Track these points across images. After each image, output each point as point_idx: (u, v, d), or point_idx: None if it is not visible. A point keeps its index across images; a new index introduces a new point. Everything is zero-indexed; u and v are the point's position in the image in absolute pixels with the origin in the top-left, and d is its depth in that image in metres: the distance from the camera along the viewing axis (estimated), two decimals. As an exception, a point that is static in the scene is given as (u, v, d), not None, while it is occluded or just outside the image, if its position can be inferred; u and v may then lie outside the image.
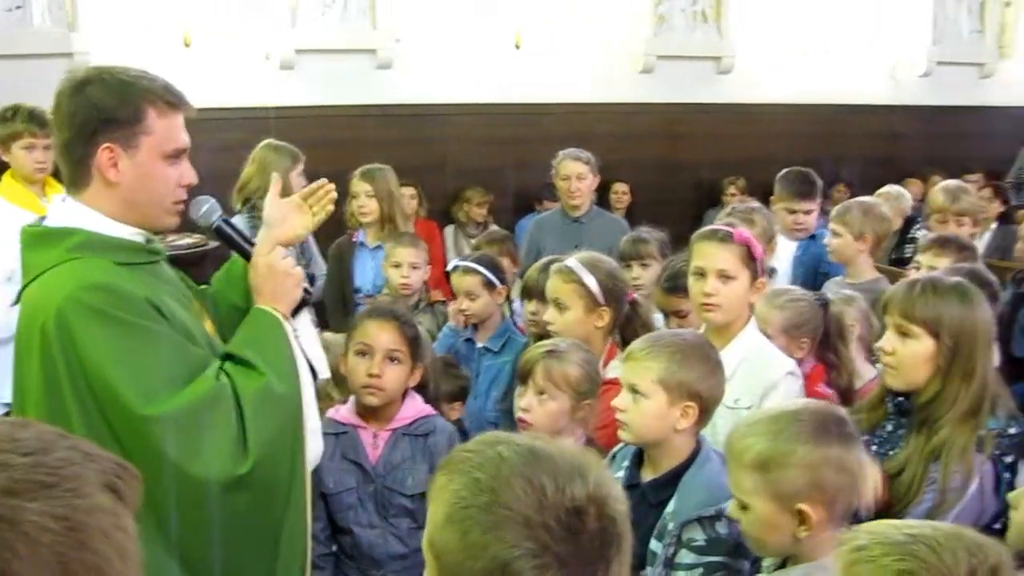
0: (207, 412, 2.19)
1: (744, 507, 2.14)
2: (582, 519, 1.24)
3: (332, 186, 2.74)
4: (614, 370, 3.18)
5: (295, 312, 2.50)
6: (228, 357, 2.35)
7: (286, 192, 5.20)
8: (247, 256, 2.54)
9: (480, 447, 1.34)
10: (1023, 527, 2.15)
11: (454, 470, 1.32)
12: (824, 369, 3.44)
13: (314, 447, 2.41)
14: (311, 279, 4.01)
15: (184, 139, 2.34)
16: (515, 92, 7.90)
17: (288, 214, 2.60)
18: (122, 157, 2.25)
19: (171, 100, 2.30)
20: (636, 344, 2.65)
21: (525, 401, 2.90)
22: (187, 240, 5.48)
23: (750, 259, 3.11)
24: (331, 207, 2.72)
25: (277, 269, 2.46)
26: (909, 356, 2.60)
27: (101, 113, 2.23)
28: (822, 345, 3.46)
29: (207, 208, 2.57)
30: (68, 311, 2.14)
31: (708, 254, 3.12)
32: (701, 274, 3.11)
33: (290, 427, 2.33)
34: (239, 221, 4.53)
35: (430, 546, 1.32)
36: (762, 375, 2.98)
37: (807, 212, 5.08)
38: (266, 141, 5.28)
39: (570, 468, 1.28)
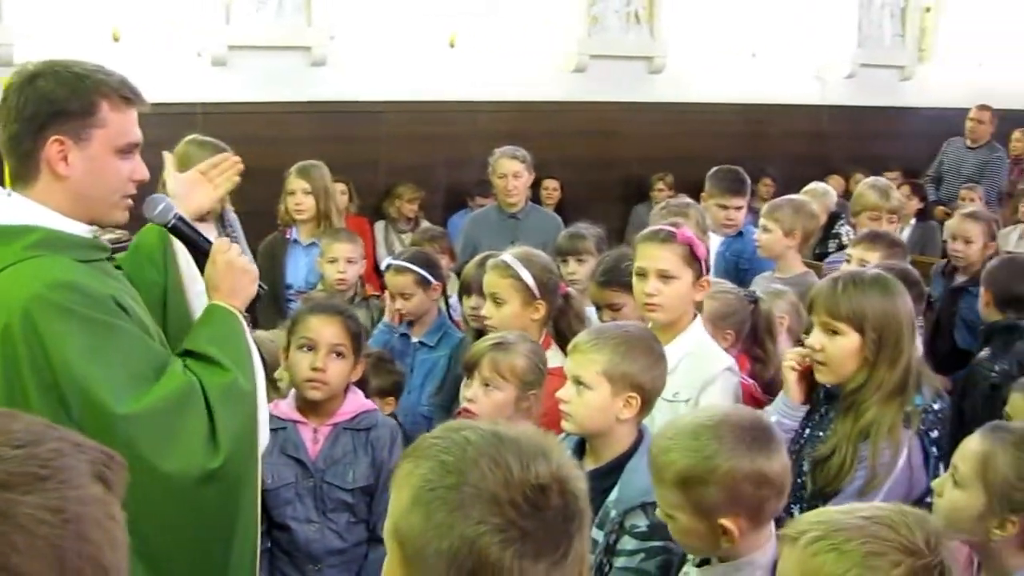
0: (179, 408, 2.19)
1: (670, 518, 2.18)
2: (546, 495, 1.27)
3: (237, 158, 2.74)
4: (551, 360, 3.22)
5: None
6: (189, 353, 2.34)
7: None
8: (204, 254, 2.51)
9: (446, 433, 1.36)
10: (947, 512, 2.22)
11: (420, 456, 1.34)
12: (749, 361, 3.51)
13: (264, 439, 2.43)
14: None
15: (137, 134, 2.31)
16: (449, 90, 7.93)
17: (191, 188, 2.62)
18: (72, 150, 2.20)
19: (126, 95, 2.26)
20: (581, 336, 2.69)
21: (471, 392, 2.94)
22: (110, 236, 5.40)
23: (693, 258, 3.13)
24: (237, 178, 2.73)
25: (235, 266, 2.46)
26: (837, 352, 2.66)
27: (52, 105, 2.18)
28: (750, 340, 3.54)
29: (163, 206, 2.53)
30: (34, 310, 2.10)
31: (650, 255, 3.15)
32: (643, 274, 3.15)
33: (251, 421, 2.34)
34: None
35: (394, 533, 1.33)
36: (702, 370, 3.03)
37: (738, 208, 5.21)
38: (190, 136, 5.24)
39: (534, 449, 1.32)
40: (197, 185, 2.64)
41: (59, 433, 1.01)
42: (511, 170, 5.61)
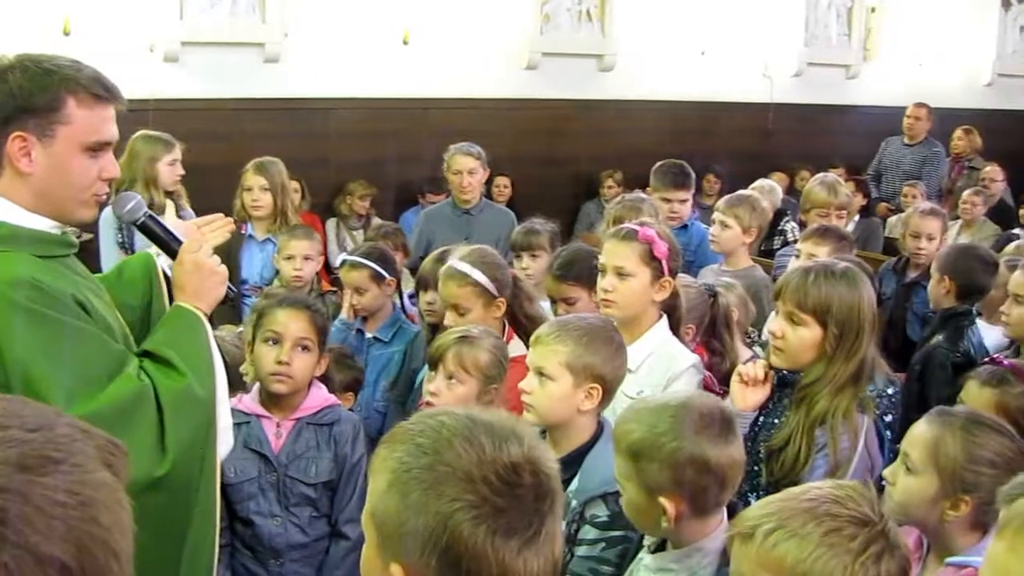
0: (130, 413, 2.16)
1: (622, 486, 2.24)
2: (519, 474, 1.31)
3: (229, 221, 2.76)
4: (513, 350, 3.26)
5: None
6: (147, 354, 2.31)
7: (153, 180, 5.13)
8: (173, 253, 2.49)
9: (421, 419, 1.40)
10: (902, 498, 2.27)
11: (396, 440, 1.38)
12: (705, 353, 3.53)
13: (225, 444, 2.41)
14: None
15: (109, 132, 2.26)
16: (402, 87, 7.95)
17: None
18: (36, 146, 2.16)
19: (96, 91, 2.21)
20: (544, 329, 2.72)
21: (435, 385, 2.95)
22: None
23: (651, 257, 3.14)
24: (225, 236, 2.74)
25: (203, 267, 2.43)
26: (797, 341, 2.69)
27: (16, 100, 2.14)
28: (709, 333, 3.58)
29: (133, 204, 2.53)
30: None
31: (609, 250, 3.19)
32: (602, 270, 3.19)
33: (204, 428, 2.30)
34: (108, 213, 4.48)
35: (371, 517, 1.37)
36: (667, 369, 3.05)
37: (682, 201, 5.29)
38: (140, 132, 5.24)
39: (506, 431, 1.35)
40: (190, 235, 2.60)
41: (67, 419, 1.02)
42: (466, 167, 5.62)
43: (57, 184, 2.21)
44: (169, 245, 2.52)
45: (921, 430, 2.30)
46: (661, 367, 3.06)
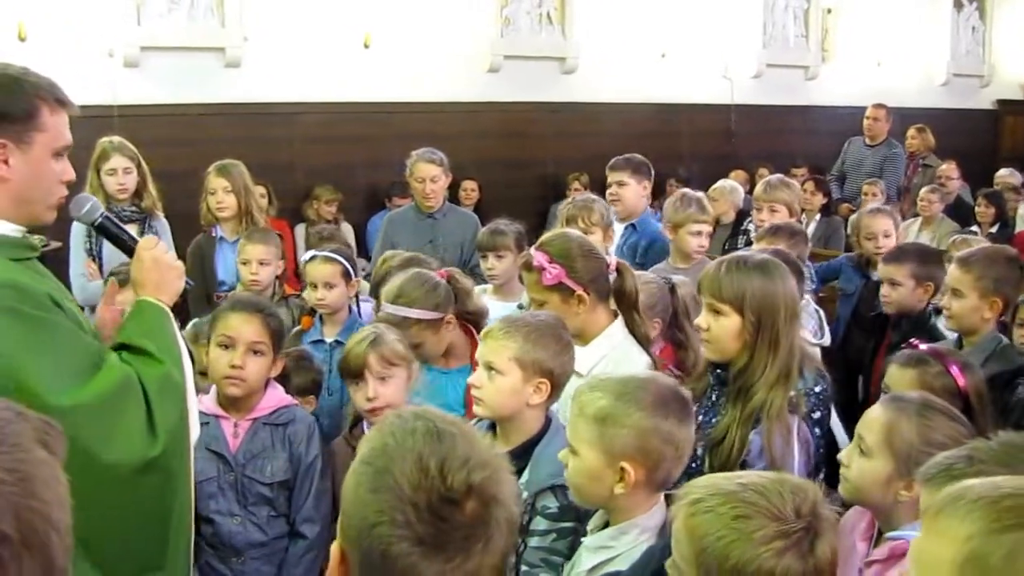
0: (119, 399, 2.24)
1: (575, 453, 2.28)
2: (452, 506, 1.31)
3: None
4: None
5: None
6: (124, 346, 2.39)
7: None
8: (130, 251, 2.58)
9: (408, 415, 1.43)
10: (856, 480, 2.35)
11: (380, 428, 1.43)
12: (673, 350, 3.59)
13: (195, 431, 2.48)
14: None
15: (69, 136, 2.34)
16: (364, 91, 7.99)
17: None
18: (14, 153, 2.23)
19: (60, 97, 2.29)
20: (495, 325, 2.78)
21: (370, 391, 3.06)
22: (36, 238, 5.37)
23: (552, 284, 3.14)
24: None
25: (161, 262, 2.52)
26: (720, 331, 2.77)
27: None
28: (670, 325, 3.63)
29: (90, 206, 2.62)
30: None
31: (529, 283, 3.25)
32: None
33: (184, 412, 2.39)
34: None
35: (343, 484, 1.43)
36: (619, 370, 3.03)
37: (620, 184, 5.31)
38: (106, 138, 5.21)
39: (464, 458, 1.35)
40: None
41: (2, 404, 1.08)
42: (428, 174, 5.61)
43: (32, 189, 2.28)
44: (126, 243, 2.63)
45: (876, 414, 2.38)
46: (614, 371, 3.01)
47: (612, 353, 3.14)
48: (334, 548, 1.39)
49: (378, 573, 1.32)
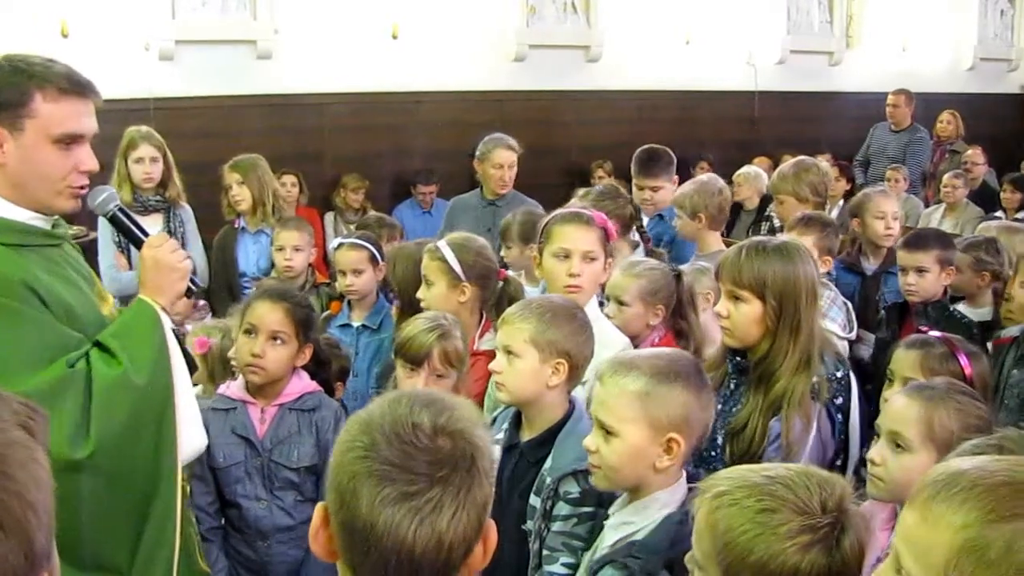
0: (52, 397, 2.21)
1: (610, 434, 2.28)
2: (416, 434, 1.33)
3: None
4: (487, 343, 3.36)
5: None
6: (98, 343, 2.38)
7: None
8: (140, 245, 2.60)
9: (413, 393, 1.46)
10: (897, 477, 2.26)
11: (386, 396, 1.45)
12: (673, 337, 3.58)
13: (192, 437, 2.47)
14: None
15: (79, 125, 2.35)
16: (392, 81, 8.07)
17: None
18: (8, 139, 2.29)
19: (64, 86, 2.32)
20: (510, 309, 2.78)
21: (421, 384, 3.03)
22: (73, 229, 5.51)
23: (607, 241, 3.28)
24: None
25: (162, 263, 2.51)
26: (741, 318, 2.74)
27: None
28: (674, 314, 3.62)
29: (105, 196, 2.67)
30: None
31: (574, 236, 3.27)
32: (566, 255, 3.26)
33: (150, 417, 2.36)
34: None
35: None
36: (601, 351, 3.06)
37: (654, 189, 5.30)
38: (134, 127, 5.28)
39: (436, 402, 1.39)
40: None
41: None
42: (507, 160, 5.57)
43: (29, 174, 2.33)
44: (137, 238, 2.66)
45: (904, 405, 2.32)
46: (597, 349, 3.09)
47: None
48: (318, 507, 1.39)
49: (351, 513, 1.31)
